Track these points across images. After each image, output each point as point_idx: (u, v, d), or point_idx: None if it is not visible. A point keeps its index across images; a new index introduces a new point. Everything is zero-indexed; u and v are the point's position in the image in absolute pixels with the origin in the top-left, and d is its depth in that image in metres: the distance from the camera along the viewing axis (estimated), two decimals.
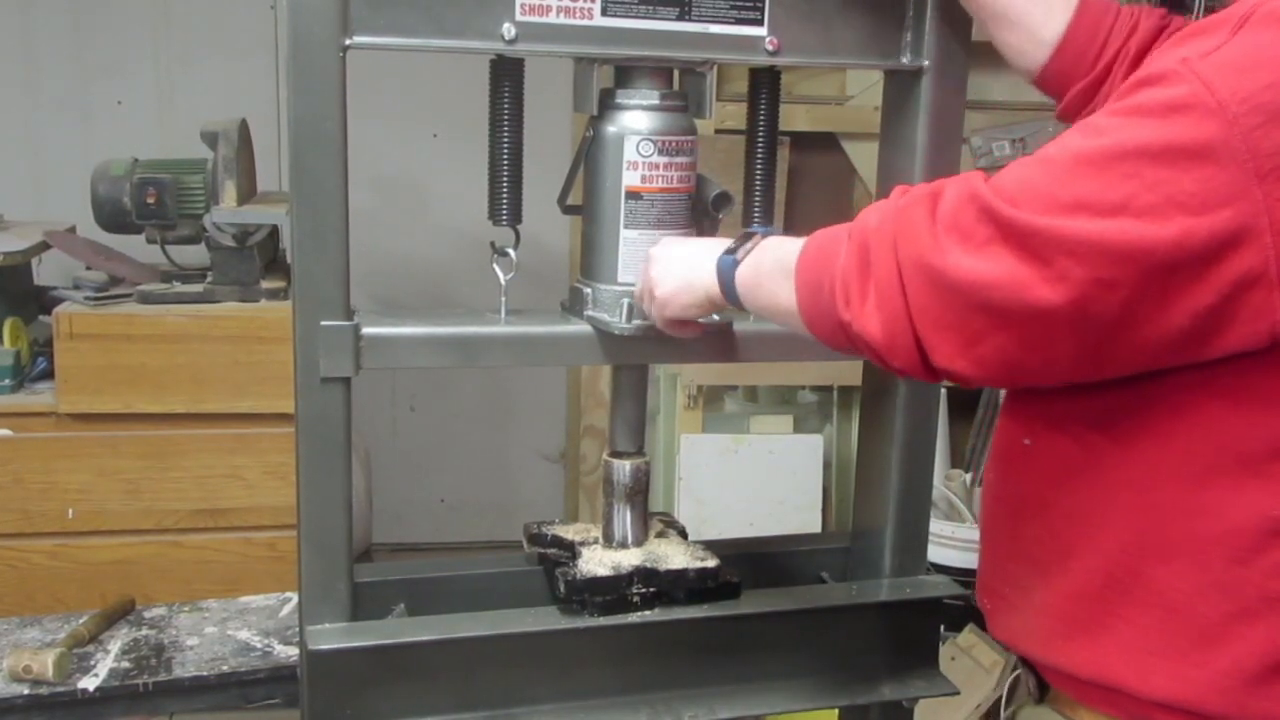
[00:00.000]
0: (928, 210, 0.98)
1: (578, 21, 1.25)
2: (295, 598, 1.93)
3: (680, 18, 1.28)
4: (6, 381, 2.54)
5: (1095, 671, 1.08)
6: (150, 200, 2.59)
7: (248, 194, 2.65)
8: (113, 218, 2.64)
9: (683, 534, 1.49)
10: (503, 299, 1.36)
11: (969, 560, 2.73)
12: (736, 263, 1.17)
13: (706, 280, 1.20)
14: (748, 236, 1.19)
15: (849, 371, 2.49)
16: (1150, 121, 0.90)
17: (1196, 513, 1.01)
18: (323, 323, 1.24)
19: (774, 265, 1.13)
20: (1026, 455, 1.13)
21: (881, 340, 1.01)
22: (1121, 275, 0.90)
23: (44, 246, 2.75)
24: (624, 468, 1.42)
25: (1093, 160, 0.92)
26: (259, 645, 1.94)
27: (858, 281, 1.01)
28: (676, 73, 1.37)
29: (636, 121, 1.32)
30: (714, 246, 1.22)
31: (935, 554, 2.57)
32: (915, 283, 0.97)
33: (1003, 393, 3.25)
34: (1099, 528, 1.07)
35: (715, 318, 1.35)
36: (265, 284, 2.64)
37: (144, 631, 1.97)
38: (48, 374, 2.60)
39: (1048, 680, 1.16)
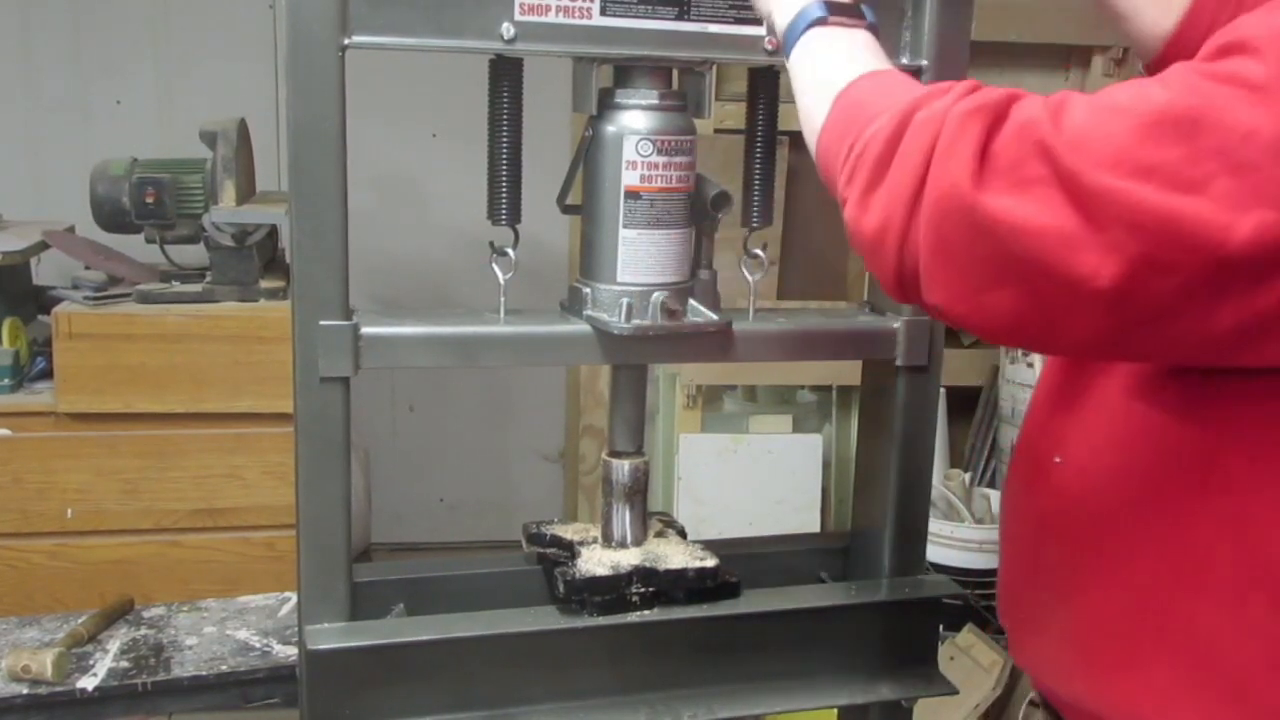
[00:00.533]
0: (981, 135, 0.85)
1: (577, 21, 1.25)
2: (294, 597, 1.93)
3: (679, 17, 1.28)
4: (5, 381, 2.55)
5: (1118, 711, 1.01)
6: (149, 200, 2.59)
7: (247, 194, 2.66)
8: (112, 217, 2.64)
9: (682, 534, 1.49)
10: (502, 299, 1.36)
11: (968, 560, 2.74)
12: (812, 26, 1.04)
13: (781, 9, 1.08)
14: (854, 12, 1.05)
15: (848, 371, 2.49)
16: (1247, 97, 0.80)
17: (1238, 551, 0.93)
18: (322, 322, 1.24)
19: (829, 72, 1.01)
20: (1055, 474, 1.07)
21: (868, 243, 0.91)
22: (1181, 261, 0.80)
23: (43, 246, 2.76)
24: (623, 467, 1.42)
25: (1177, 123, 0.81)
26: (258, 645, 1.93)
27: (871, 168, 0.90)
28: (676, 72, 1.37)
29: (635, 121, 1.31)
30: None
31: (934, 554, 2.58)
32: (937, 207, 0.86)
33: (1001, 394, 3.26)
34: (1129, 558, 1.00)
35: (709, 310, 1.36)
36: (264, 284, 2.64)
37: (143, 631, 1.97)
38: (47, 374, 2.60)
39: (1065, 718, 1.09)
